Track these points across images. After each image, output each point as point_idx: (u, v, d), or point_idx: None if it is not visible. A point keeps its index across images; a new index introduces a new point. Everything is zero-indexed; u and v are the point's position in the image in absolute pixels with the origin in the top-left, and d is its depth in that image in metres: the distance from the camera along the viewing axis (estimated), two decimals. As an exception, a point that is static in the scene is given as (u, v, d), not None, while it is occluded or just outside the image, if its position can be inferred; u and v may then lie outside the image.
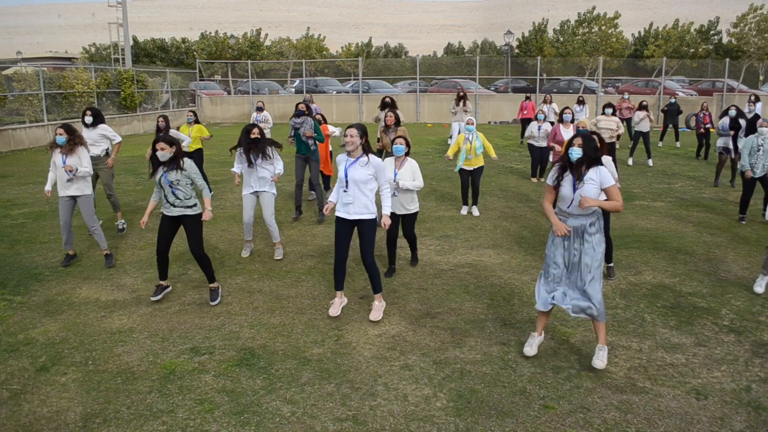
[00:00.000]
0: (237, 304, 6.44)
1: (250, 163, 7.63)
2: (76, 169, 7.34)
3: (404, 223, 7.36)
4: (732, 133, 12.66)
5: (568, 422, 4.29)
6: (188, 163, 6.34)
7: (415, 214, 7.38)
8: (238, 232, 9.28)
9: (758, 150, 9.43)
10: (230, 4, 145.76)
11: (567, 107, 11.66)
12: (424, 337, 5.64)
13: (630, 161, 16.03)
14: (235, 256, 8.13)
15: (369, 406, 4.50)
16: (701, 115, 17.01)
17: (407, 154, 7.12)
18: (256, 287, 6.97)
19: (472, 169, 10.11)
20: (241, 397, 4.63)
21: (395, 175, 7.00)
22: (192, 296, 6.69)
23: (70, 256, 7.91)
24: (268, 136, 13.94)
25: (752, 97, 15.06)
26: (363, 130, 5.83)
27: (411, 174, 7.08)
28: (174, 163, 6.23)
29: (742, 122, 12.53)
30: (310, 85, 32.64)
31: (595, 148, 4.88)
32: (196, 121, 11.93)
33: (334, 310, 6.14)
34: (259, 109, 14.73)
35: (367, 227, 5.92)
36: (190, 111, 12.05)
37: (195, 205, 6.36)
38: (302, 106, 10.00)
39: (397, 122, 9.68)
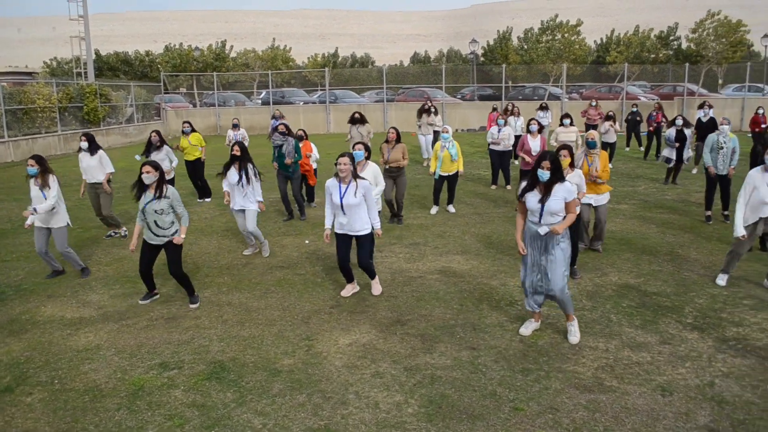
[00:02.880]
0: (206, 318, 6.39)
1: (239, 180, 8.09)
2: (35, 210, 7.29)
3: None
4: (677, 145, 13.14)
5: (538, 423, 4.35)
6: (171, 190, 6.50)
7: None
8: (206, 245, 9.22)
9: (720, 148, 9.66)
10: (194, 17, 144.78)
11: (533, 118, 11.87)
12: (395, 344, 5.66)
13: None
14: (204, 269, 8.07)
15: (341, 414, 4.51)
16: (653, 113, 17.46)
17: (368, 158, 7.68)
18: (225, 300, 6.92)
19: (448, 175, 10.61)
20: (211, 410, 4.60)
21: None
22: (160, 311, 6.62)
23: (57, 272, 7.92)
24: None
25: (706, 103, 15.60)
26: (353, 158, 6.49)
27: (373, 177, 7.57)
28: (158, 190, 6.38)
29: (688, 133, 12.99)
30: (277, 97, 32.56)
31: (559, 168, 5.35)
32: (193, 130, 12.19)
33: (346, 291, 6.94)
34: (235, 126, 14.56)
35: (364, 239, 6.66)
36: (186, 122, 12.28)
37: (177, 231, 6.59)
38: (282, 128, 10.49)
39: (398, 139, 10.00)
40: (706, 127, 13.98)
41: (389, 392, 4.81)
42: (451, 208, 11.08)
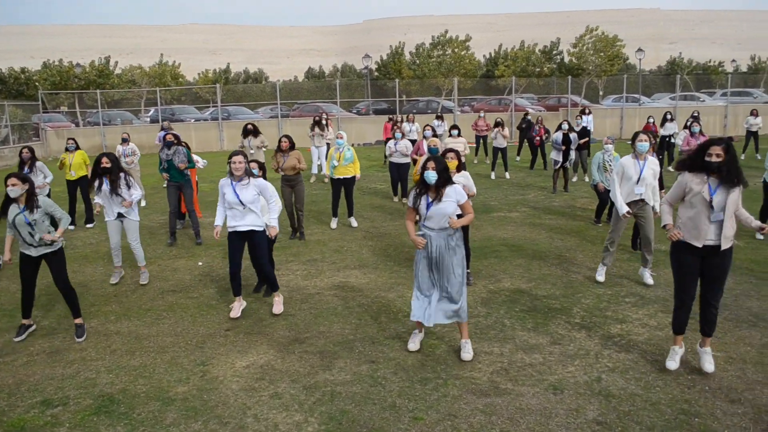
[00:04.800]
0: (92, 349, 6.04)
1: (112, 190, 7.70)
2: None
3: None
4: (563, 147, 13.94)
5: (437, 431, 4.40)
6: (42, 199, 6.18)
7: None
8: (91, 273, 8.73)
9: (606, 167, 10.26)
10: (75, 31, 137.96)
11: (428, 124, 12.29)
12: (293, 363, 5.58)
13: (492, 175, 16.81)
14: (89, 297, 7.62)
15: (238, 440, 4.36)
16: (536, 128, 18.38)
17: (263, 176, 7.49)
18: (113, 329, 6.57)
19: (343, 178, 10.60)
20: (98, 447, 4.33)
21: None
22: (41, 345, 6.19)
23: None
24: (137, 168, 13.54)
25: (584, 110, 16.63)
26: (246, 156, 6.56)
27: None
28: (29, 203, 6.05)
29: (573, 136, 13.86)
30: (167, 114, 31.50)
31: (446, 168, 5.36)
32: (77, 148, 11.84)
33: (235, 312, 6.75)
34: (125, 141, 13.92)
35: (259, 239, 6.65)
36: (70, 138, 11.75)
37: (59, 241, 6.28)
38: (170, 137, 10.22)
39: (292, 146, 9.92)
40: (580, 135, 15.25)
41: (288, 412, 4.72)
42: (353, 222, 11.06)
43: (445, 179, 5.32)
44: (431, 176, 5.28)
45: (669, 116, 16.91)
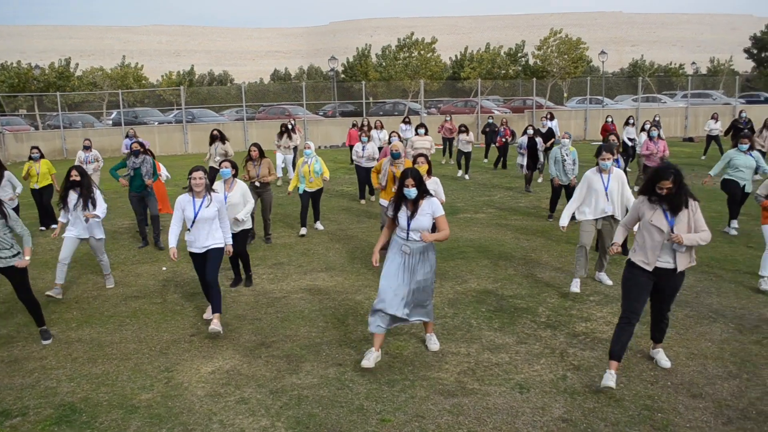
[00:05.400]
0: (53, 357, 5.90)
1: (86, 207, 7.49)
2: None
3: (237, 239, 7.50)
4: (526, 151, 14.15)
5: (404, 433, 4.40)
6: (6, 209, 6.07)
7: (247, 231, 7.75)
8: (51, 279, 8.46)
9: (563, 161, 10.48)
10: (34, 32, 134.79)
11: (394, 131, 12.24)
12: (260, 367, 5.52)
13: (459, 173, 17.03)
14: (50, 304, 7.43)
15: (204, 447, 4.30)
16: (501, 129, 18.59)
17: (235, 176, 7.62)
18: (75, 336, 6.43)
19: (312, 191, 10.51)
20: (59, 458, 4.22)
21: (225, 197, 7.29)
22: (-1, 354, 6.02)
23: None
24: (98, 176, 13.28)
25: (548, 114, 16.93)
26: (206, 171, 6.37)
27: (241, 196, 7.54)
28: None
29: (539, 141, 14.09)
30: (129, 117, 30.99)
31: (424, 184, 5.36)
32: (42, 156, 11.65)
33: (209, 313, 6.60)
34: (87, 148, 13.61)
35: (214, 253, 6.42)
36: (34, 147, 11.51)
37: (18, 253, 6.12)
38: (136, 146, 10.01)
39: (261, 155, 9.84)
40: (545, 137, 15.66)
41: (255, 417, 4.67)
42: (319, 225, 11.04)
43: (423, 194, 5.32)
44: (411, 193, 5.27)
45: (631, 120, 17.21)
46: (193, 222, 6.31)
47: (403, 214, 5.36)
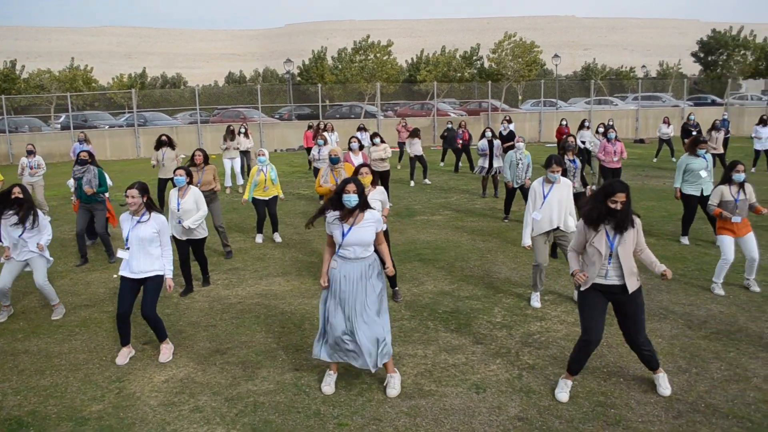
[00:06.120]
0: (-3, 370, 5.68)
1: (23, 231, 6.79)
2: None
3: (194, 247, 7.77)
4: (487, 153, 14.22)
5: (362, 438, 4.37)
6: None
7: (204, 238, 7.83)
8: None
9: (517, 164, 10.87)
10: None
11: (354, 137, 12.10)
12: (215, 375, 5.43)
13: (412, 183, 16.71)
14: (-6, 315, 7.16)
15: (156, 458, 4.20)
16: (460, 132, 18.71)
17: (189, 183, 7.56)
18: (21, 348, 6.21)
19: (267, 199, 10.13)
20: (3, 475, 4.06)
21: (178, 204, 7.29)
22: (-62, 368, 5.77)
23: None
24: (41, 183, 12.81)
25: (507, 117, 17.13)
26: (143, 189, 5.77)
27: (194, 202, 7.44)
28: None
29: (497, 143, 14.18)
30: (79, 120, 30.19)
31: (363, 191, 4.91)
32: None
33: (122, 358, 5.83)
34: (30, 153, 13.08)
35: (151, 283, 5.78)
36: None
37: None
38: (84, 155, 9.57)
39: (206, 160, 9.53)
40: (506, 139, 15.89)
41: (210, 426, 4.58)
42: (278, 237, 10.48)
43: (364, 205, 4.89)
44: (352, 200, 4.79)
45: (586, 124, 17.49)
46: (129, 244, 5.73)
47: (339, 230, 4.84)
